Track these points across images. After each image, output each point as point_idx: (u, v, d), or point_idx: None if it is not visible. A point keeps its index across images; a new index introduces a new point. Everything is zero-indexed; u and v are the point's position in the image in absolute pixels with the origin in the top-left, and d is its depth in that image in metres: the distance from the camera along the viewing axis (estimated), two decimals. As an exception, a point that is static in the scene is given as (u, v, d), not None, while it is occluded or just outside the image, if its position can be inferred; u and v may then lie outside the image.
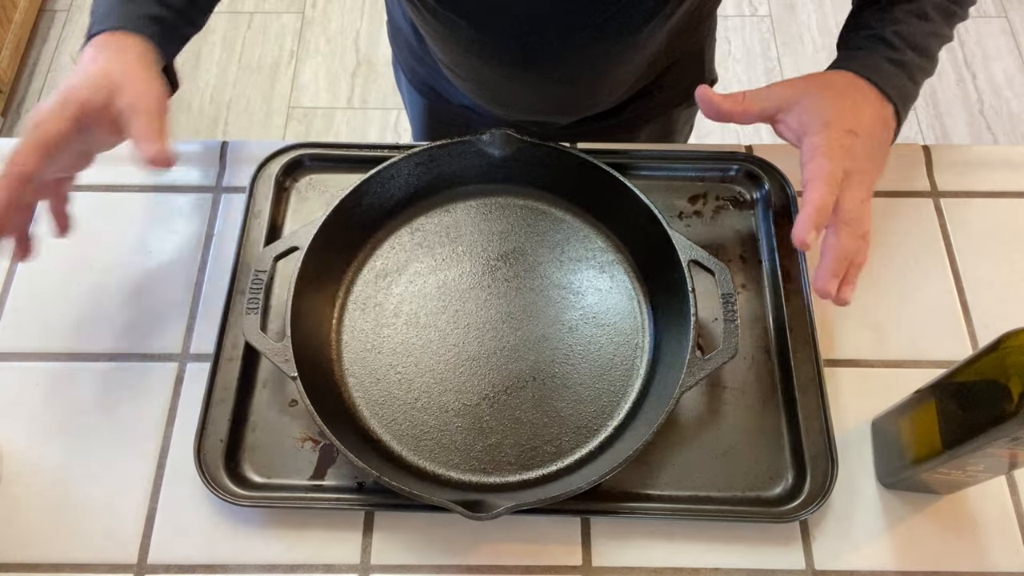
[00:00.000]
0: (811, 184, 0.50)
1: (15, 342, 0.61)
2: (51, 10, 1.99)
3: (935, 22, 0.57)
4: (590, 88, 0.72)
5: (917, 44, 0.56)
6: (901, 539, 0.54)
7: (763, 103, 0.55)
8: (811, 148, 0.52)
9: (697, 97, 0.53)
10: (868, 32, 0.57)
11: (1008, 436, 0.42)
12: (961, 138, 1.78)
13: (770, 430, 0.57)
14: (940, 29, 0.57)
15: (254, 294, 0.56)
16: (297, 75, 1.89)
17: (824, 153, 0.51)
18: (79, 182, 0.67)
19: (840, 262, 0.51)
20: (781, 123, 0.55)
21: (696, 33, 0.77)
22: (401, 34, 0.80)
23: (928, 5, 0.57)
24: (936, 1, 0.57)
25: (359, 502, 0.54)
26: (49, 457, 0.57)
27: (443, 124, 0.86)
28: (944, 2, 0.57)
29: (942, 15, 0.57)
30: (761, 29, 1.95)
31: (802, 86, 0.55)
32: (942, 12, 0.57)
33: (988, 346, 0.45)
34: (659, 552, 0.54)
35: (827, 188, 0.50)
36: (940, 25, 0.57)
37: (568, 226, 0.65)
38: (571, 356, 0.59)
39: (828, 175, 0.50)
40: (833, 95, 0.54)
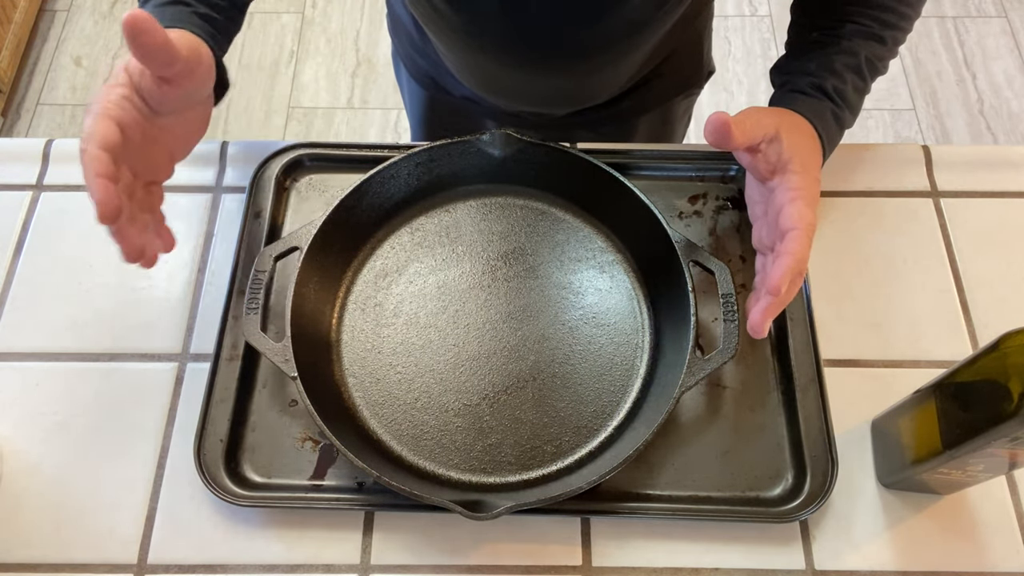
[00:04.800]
0: (794, 235, 0.50)
1: (15, 342, 0.61)
2: (51, 10, 1.99)
3: (866, 79, 0.59)
4: (591, 80, 0.72)
5: (851, 102, 0.59)
6: (901, 539, 0.54)
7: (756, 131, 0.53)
8: (792, 189, 0.52)
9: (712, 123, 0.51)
10: (811, 80, 0.58)
11: (1008, 436, 0.42)
12: (961, 138, 1.78)
13: (770, 430, 0.57)
14: (867, 87, 0.60)
15: (254, 294, 0.56)
16: (297, 75, 1.89)
17: (804, 199, 0.51)
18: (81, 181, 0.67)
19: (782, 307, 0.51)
20: (761, 152, 0.54)
21: (694, 23, 0.77)
22: (401, 25, 0.80)
23: (863, 61, 0.58)
24: (868, 56, 0.59)
25: (359, 502, 0.54)
26: (49, 457, 0.57)
27: (443, 116, 0.86)
28: (874, 59, 0.59)
29: (871, 71, 0.60)
30: (761, 29, 1.95)
31: (777, 120, 0.55)
32: (871, 68, 0.59)
33: (988, 346, 0.45)
34: (659, 552, 0.54)
35: (808, 241, 0.50)
36: (868, 83, 0.60)
37: (568, 226, 0.65)
38: (571, 356, 0.59)
39: (809, 227, 0.51)
40: (803, 138, 0.55)
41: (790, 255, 0.50)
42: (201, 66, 0.51)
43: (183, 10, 0.54)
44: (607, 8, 0.60)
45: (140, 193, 0.50)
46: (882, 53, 0.60)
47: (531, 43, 0.65)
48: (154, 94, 0.49)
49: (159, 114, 0.50)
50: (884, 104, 1.83)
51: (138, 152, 0.49)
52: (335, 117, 1.84)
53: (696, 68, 0.83)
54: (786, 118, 0.56)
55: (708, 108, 1.83)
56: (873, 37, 0.59)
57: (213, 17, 0.56)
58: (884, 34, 0.59)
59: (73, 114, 1.84)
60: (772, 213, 0.53)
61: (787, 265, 0.49)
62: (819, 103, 0.57)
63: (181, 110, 0.52)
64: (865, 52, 0.59)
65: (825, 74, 0.58)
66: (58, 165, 0.68)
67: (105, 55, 1.93)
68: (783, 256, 0.50)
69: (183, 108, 0.52)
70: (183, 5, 0.54)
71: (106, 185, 0.44)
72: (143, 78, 0.48)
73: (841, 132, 0.59)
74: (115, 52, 1.92)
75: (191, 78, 0.50)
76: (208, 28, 0.55)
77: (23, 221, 0.66)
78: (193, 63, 0.50)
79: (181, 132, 0.53)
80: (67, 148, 0.69)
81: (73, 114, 1.84)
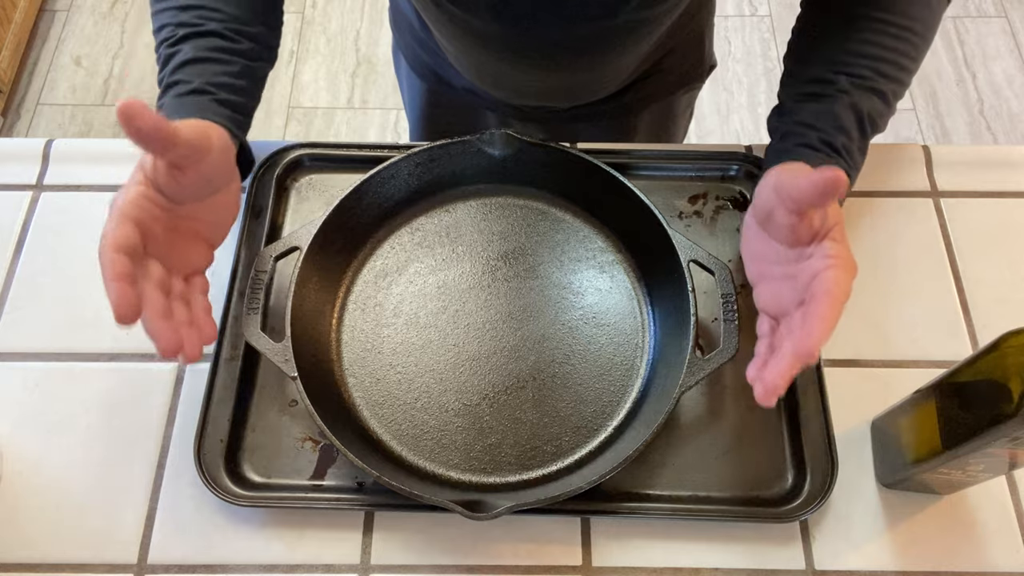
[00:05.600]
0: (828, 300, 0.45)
1: (15, 342, 0.61)
2: (51, 10, 1.99)
3: (867, 136, 0.55)
4: (592, 75, 0.72)
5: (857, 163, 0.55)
6: (901, 539, 0.54)
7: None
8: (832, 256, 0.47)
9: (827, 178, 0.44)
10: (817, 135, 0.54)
11: (1008, 436, 0.42)
12: (961, 138, 1.78)
13: (770, 430, 0.57)
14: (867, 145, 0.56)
15: (254, 294, 0.56)
16: (297, 75, 1.89)
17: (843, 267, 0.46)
18: (81, 181, 0.68)
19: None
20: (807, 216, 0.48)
21: (696, 17, 0.77)
22: (403, 17, 0.80)
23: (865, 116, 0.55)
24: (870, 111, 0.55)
25: (359, 502, 0.54)
26: (49, 457, 0.57)
27: (443, 109, 0.86)
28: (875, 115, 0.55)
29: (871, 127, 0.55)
30: (761, 29, 1.95)
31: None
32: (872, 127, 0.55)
33: (988, 346, 0.45)
34: (659, 552, 0.54)
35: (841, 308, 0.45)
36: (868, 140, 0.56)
37: (568, 226, 0.65)
38: (571, 356, 0.59)
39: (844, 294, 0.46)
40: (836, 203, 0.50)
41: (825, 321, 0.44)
42: (211, 151, 0.50)
43: (203, 99, 0.54)
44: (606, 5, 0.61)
45: (179, 286, 0.50)
46: (882, 110, 0.56)
47: (530, 38, 0.65)
48: (171, 185, 0.48)
49: (181, 203, 0.50)
50: (884, 104, 1.83)
51: (166, 246, 0.49)
52: (335, 117, 1.84)
53: (698, 62, 0.83)
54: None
55: (708, 107, 1.83)
56: (873, 91, 0.55)
57: (234, 101, 0.55)
58: (884, 88, 0.55)
59: (73, 114, 1.84)
60: (804, 278, 0.47)
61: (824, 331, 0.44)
62: (835, 161, 0.53)
63: (204, 196, 0.51)
64: (866, 107, 0.55)
65: (832, 130, 0.54)
66: (58, 165, 0.68)
67: (105, 55, 1.93)
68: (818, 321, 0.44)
69: (205, 194, 0.51)
70: (204, 94, 0.54)
71: (122, 288, 0.44)
72: (157, 172, 0.48)
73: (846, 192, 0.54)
74: (115, 52, 1.93)
75: (204, 162, 0.49)
76: (229, 113, 0.54)
77: (23, 221, 0.66)
78: (201, 147, 0.49)
79: (212, 218, 0.53)
80: (67, 148, 0.69)
81: (73, 114, 1.84)
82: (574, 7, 0.61)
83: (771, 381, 0.44)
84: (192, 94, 0.53)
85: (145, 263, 0.47)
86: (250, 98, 0.58)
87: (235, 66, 0.56)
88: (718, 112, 1.83)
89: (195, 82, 0.54)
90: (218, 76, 0.55)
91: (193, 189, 0.50)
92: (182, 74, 0.54)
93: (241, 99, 0.56)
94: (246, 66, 0.57)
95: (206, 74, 0.54)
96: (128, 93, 1.87)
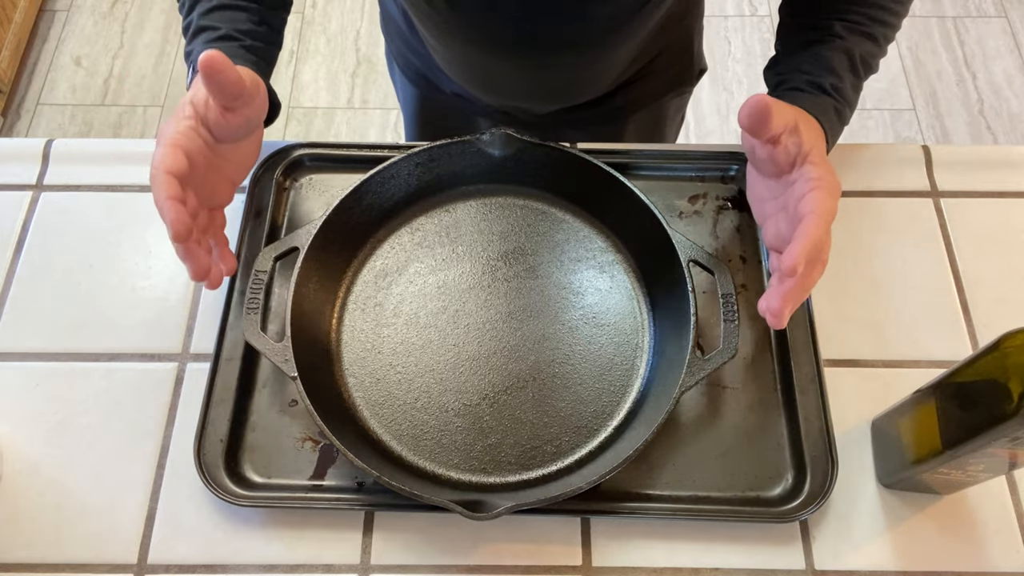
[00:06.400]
0: (811, 217, 0.49)
1: (15, 342, 0.61)
2: (51, 10, 1.99)
3: (860, 78, 0.60)
4: (577, 76, 0.72)
5: (851, 101, 0.59)
6: (901, 539, 0.54)
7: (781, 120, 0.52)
8: (814, 179, 0.51)
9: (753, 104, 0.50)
10: (806, 77, 0.58)
11: (1008, 436, 0.42)
12: (961, 138, 1.78)
13: (770, 430, 0.57)
14: (861, 84, 0.60)
15: (254, 294, 0.56)
16: (297, 75, 1.89)
17: (826, 188, 0.50)
18: (81, 181, 0.68)
19: (805, 294, 0.50)
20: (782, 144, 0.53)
21: (684, 21, 0.77)
22: (393, 22, 0.81)
23: (857, 58, 0.58)
24: (862, 53, 0.59)
25: (359, 502, 0.54)
26: (49, 457, 0.57)
27: (434, 113, 0.86)
28: (867, 56, 0.59)
29: (864, 69, 0.60)
30: (761, 29, 1.95)
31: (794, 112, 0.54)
32: (865, 67, 0.60)
33: (988, 346, 0.45)
34: (659, 552, 0.54)
35: (825, 225, 0.49)
36: (862, 80, 0.60)
37: (568, 226, 0.65)
38: (571, 356, 0.59)
39: (828, 212, 0.50)
40: (815, 131, 0.55)
41: (805, 237, 0.48)
42: (259, 95, 0.56)
43: (232, 45, 0.58)
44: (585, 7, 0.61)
45: (204, 218, 0.55)
46: (874, 51, 0.60)
47: (515, 36, 0.65)
48: (219, 124, 0.53)
49: (221, 142, 0.55)
50: (884, 104, 1.83)
51: (202, 179, 0.53)
52: (335, 117, 1.84)
53: (687, 66, 0.83)
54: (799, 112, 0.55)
55: (708, 108, 1.83)
56: (864, 35, 0.59)
57: (259, 47, 0.60)
58: (875, 31, 0.59)
59: (73, 114, 1.84)
60: (792, 205, 0.51)
61: (802, 246, 0.47)
62: (821, 99, 0.57)
63: (240, 137, 0.56)
64: (859, 50, 0.58)
65: (822, 72, 0.58)
66: (58, 165, 0.68)
67: (105, 55, 1.93)
68: (798, 238, 0.48)
69: (242, 135, 0.56)
70: (232, 40, 0.58)
71: (176, 206, 0.49)
72: (208, 110, 0.53)
73: (841, 128, 0.59)
74: (115, 52, 1.93)
75: (252, 106, 0.55)
76: (255, 59, 0.59)
77: (23, 221, 0.66)
78: (254, 93, 0.55)
79: (239, 158, 0.57)
80: (67, 148, 0.69)
81: (73, 114, 1.84)
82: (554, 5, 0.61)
83: (771, 304, 0.49)
84: (222, 40, 0.58)
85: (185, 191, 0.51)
86: (272, 45, 0.63)
87: (256, 14, 0.60)
88: (718, 112, 1.83)
89: (223, 28, 0.58)
90: (243, 23, 0.59)
91: (235, 129, 0.55)
92: (210, 20, 0.58)
93: (263, 46, 0.60)
94: (266, 14, 0.61)
95: (233, 21, 0.59)
96: (128, 93, 1.87)
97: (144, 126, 1.83)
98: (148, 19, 1.98)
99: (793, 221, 0.51)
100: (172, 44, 1.95)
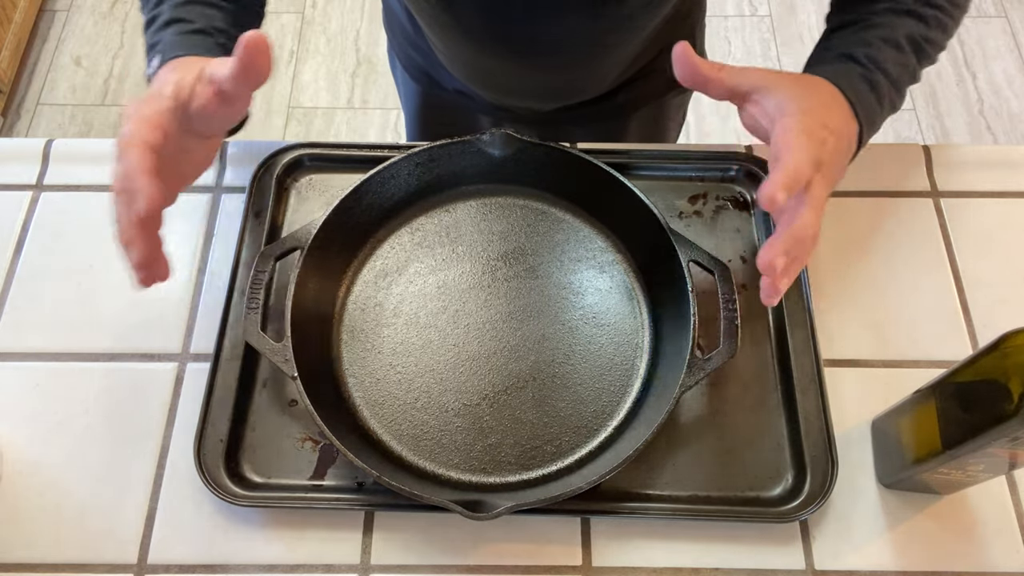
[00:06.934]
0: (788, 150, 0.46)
1: (15, 342, 0.61)
2: (51, 10, 1.99)
3: (906, 53, 0.55)
4: (578, 75, 0.72)
5: (888, 70, 0.54)
6: (901, 539, 0.54)
7: (739, 78, 0.51)
8: (789, 127, 0.48)
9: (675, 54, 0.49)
10: (839, 52, 0.55)
11: (1008, 436, 0.42)
12: (961, 138, 1.78)
13: (770, 430, 0.57)
14: (910, 61, 0.56)
15: (254, 294, 0.56)
16: (297, 75, 1.89)
17: (804, 131, 0.48)
18: (81, 181, 0.68)
19: (795, 243, 0.48)
20: (754, 104, 0.51)
21: (687, 19, 0.77)
22: (395, 18, 0.81)
23: (901, 35, 0.55)
24: (909, 33, 0.55)
25: (359, 502, 0.54)
26: (49, 457, 0.57)
27: (436, 111, 0.86)
28: (916, 36, 0.55)
29: (913, 48, 0.55)
30: (761, 29, 1.95)
31: (778, 76, 0.52)
32: (913, 45, 0.55)
33: (988, 346, 0.45)
34: (659, 552, 0.54)
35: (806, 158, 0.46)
36: (910, 57, 0.56)
37: (568, 226, 0.64)
38: (571, 356, 0.59)
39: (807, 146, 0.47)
40: (810, 91, 0.52)
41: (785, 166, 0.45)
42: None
43: (208, 40, 0.55)
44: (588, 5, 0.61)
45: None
46: (925, 32, 0.55)
47: (515, 37, 0.65)
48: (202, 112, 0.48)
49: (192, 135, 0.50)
50: (884, 104, 1.83)
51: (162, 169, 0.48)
52: (335, 117, 1.84)
53: None
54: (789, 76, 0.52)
55: (708, 108, 1.83)
56: (911, 14, 0.55)
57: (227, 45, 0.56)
58: (924, 12, 0.55)
59: (73, 114, 1.84)
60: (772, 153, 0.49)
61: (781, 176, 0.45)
62: (844, 66, 0.54)
63: (210, 134, 0.52)
64: (904, 29, 0.55)
65: (856, 46, 0.54)
66: (58, 165, 0.68)
67: (105, 55, 1.93)
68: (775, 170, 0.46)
69: (213, 132, 0.52)
70: (207, 35, 0.56)
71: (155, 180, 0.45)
72: (194, 97, 0.48)
73: (877, 97, 0.54)
74: (115, 52, 1.93)
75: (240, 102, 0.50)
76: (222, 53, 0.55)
77: (23, 221, 0.66)
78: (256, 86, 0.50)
79: (197, 159, 0.53)
80: (67, 148, 0.69)
81: (73, 114, 1.84)
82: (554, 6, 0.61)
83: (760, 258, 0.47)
84: (196, 33, 0.55)
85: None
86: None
87: (231, 15, 0.58)
88: (718, 112, 1.83)
89: (198, 23, 0.56)
90: (218, 22, 0.57)
91: (213, 122, 0.50)
92: (184, 12, 0.56)
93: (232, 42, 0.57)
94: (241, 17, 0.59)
95: (209, 18, 0.56)
96: (128, 93, 1.87)
97: (144, 126, 1.83)
98: (148, 19, 1.98)
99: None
100: (172, 44, 1.94)
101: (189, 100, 0.48)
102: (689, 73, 0.50)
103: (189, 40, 0.54)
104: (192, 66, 0.50)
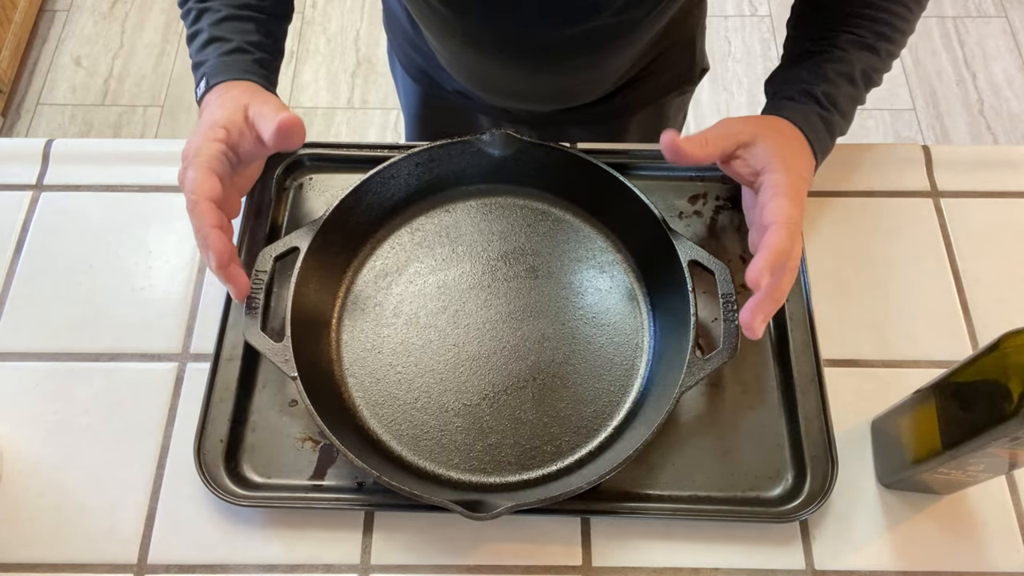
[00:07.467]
0: (775, 228, 0.51)
1: (15, 342, 0.61)
2: (51, 10, 1.99)
3: (859, 88, 0.60)
4: (580, 78, 0.72)
5: (842, 108, 0.59)
6: (901, 539, 0.54)
7: (726, 142, 0.55)
8: (774, 185, 0.53)
9: (662, 144, 0.54)
10: (801, 86, 0.59)
11: (1008, 436, 0.42)
12: (961, 138, 1.78)
13: (770, 430, 0.57)
14: (861, 95, 0.61)
15: (254, 294, 0.56)
16: (297, 75, 1.89)
17: (786, 194, 0.52)
18: (81, 181, 0.68)
19: (776, 304, 0.52)
20: (739, 159, 0.56)
21: (687, 20, 0.77)
22: (395, 19, 0.81)
23: (857, 70, 0.59)
24: (863, 67, 0.59)
25: (359, 502, 0.54)
26: (49, 457, 0.57)
27: (436, 111, 0.86)
28: (868, 70, 0.60)
29: (865, 82, 0.60)
30: (761, 29, 1.95)
31: (756, 125, 0.56)
32: (866, 79, 0.60)
33: (988, 346, 0.45)
34: (659, 552, 0.54)
35: (787, 234, 0.51)
36: (862, 92, 0.61)
37: (568, 226, 0.65)
38: (571, 356, 0.59)
39: (789, 220, 0.51)
40: (784, 140, 0.56)
41: (767, 249, 0.50)
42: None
43: (245, 59, 0.60)
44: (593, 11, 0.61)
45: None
46: (876, 64, 0.60)
47: (517, 41, 0.65)
48: (250, 152, 0.56)
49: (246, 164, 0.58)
50: (884, 104, 1.83)
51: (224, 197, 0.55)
52: (335, 117, 1.84)
53: (688, 66, 0.83)
54: (765, 123, 0.57)
55: (708, 108, 1.83)
56: (867, 48, 0.60)
57: (267, 59, 0.62)
58: (878, 45, 0.60)
59: (73, 114, 1.84)
60: (758, 216, 0.53)
61: (764, 259, 0.49)
62: (805, 107, 0.58)
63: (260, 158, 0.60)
64: (860, 64, 0.59)
65: (817, 81, 0.59)
66: (58, 165, 0.68)
67: (105, 55, 1.93)
68: (761, 251, 0.50)
69: (262, 156, 0.60)
70: (245, 53, 0.60)
71: (221, 235, 0.52)
72: (242, 138, 0.55)
73: (831, 135, 0.60)
74: (115, 52, 1.93)
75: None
76: (265, 72, 0.61)
77: (23, 221, 0.66)
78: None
79: (250, 174, 0.61)
80: (67, 148, 0.69)
81: (73, 114, 1.84)
82: (559, 10, 0.61)
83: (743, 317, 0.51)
84: (235, 52, 0.60)
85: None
86: (277, 55, 0.65)
87: (264, 25, 0.62)
88: (718, 112, 1.83)
89: (235, 40, 0.60)
90: (252, 35, 0.61)
91: (262, 153, 0.58)
92: (220, 31, 0.60)
93: (270, 57, 0.63)
94: (271, 25, 0.63)
95: (243, 32, 0.61)
96: (128, 93, 1.87)
97: (144, 126, 1.83)
98: (148, 19, 1.98)
99: (761, 231, 0.53)
100: (172, 44, 1.95)
101: (239, 141, 0.55)
102: (681, 159, 0.54)
103: (229, 61, 0.59)
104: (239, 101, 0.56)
